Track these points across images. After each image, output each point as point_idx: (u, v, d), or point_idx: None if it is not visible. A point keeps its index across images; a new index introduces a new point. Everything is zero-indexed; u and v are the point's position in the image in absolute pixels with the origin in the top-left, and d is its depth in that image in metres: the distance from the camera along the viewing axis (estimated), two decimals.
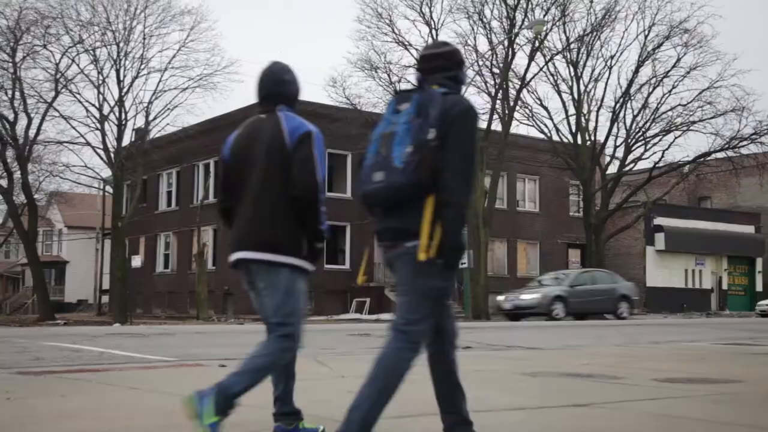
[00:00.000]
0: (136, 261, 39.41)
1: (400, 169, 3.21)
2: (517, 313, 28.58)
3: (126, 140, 36.83)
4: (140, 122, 36.92)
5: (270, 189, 3.80)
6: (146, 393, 5.97)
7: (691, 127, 35.35)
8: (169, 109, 36.05)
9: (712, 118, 34.81)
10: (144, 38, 35.41)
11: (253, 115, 4.08)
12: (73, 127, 36.10)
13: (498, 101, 34.64)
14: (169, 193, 43.77)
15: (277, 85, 4.03)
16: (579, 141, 35.92)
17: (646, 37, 35.09)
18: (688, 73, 34.73)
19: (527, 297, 28.66)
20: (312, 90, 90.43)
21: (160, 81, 35.76)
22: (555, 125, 36.34)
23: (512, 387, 6.45)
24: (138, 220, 39.85)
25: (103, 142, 35.74)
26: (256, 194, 3.83)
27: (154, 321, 32.93)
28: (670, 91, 35.41)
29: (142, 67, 35.66)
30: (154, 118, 36.30)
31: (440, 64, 3.50)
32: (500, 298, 29.85)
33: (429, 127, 3.22)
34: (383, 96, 34.64)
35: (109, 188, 39.94)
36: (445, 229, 3.21)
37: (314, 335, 15.99)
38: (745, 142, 34.59)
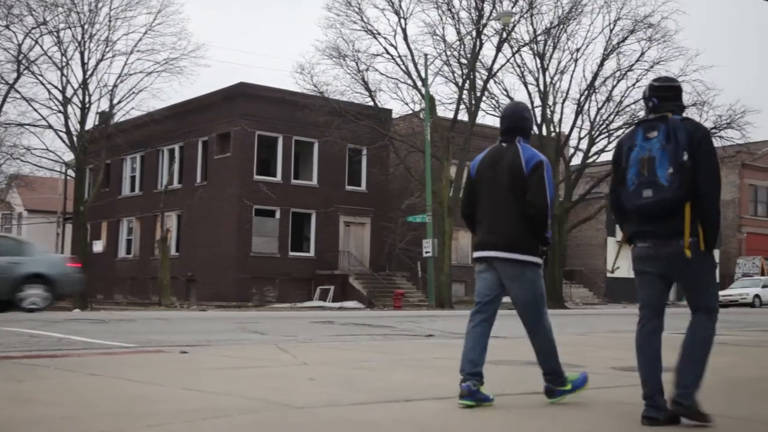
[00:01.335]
0: (98, 246, 38.99)
1: (666, 186, 4.08)
2: None
3: (89, 124, 36.32)
4: (104, 106, 36.45)
5: (511, 204, 4.82)
6: (106, 379, 5.92)
7: None
8: (134, 92, 35.62)
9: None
10: (110, 20, 34.89)
11: (496, 143, 5.10)
12: (35, 110, 35.52)
13: (465, 91, 34.74)
14: (133, 177, 43.26)
15: (519, 121, 5.01)
16: (544, 132, 36.18)
17: (611, 30, 35.46)
18: (652, 67, 35.14)
19: None
20: (279, 77, 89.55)
21: (125, 64, 35.30)
22: None
23: None
24: (100, 204, 39.34)
25: (66, 125, 35.19)
26: (501, 207, 4.86)
27: (115, 307, 32.60)
28: (633, 85, 35.83)
29: (107, 49, 35.17)
30: (119, 102, 35.85)
31: (672, 95, 4.34)
32: None
33: (682, 151, 4.07)
34: (351, 84, 34.62)
35: (71, 172, 39.35)
36: (707, 228, 4.15)
37: (277, 322, 15.96)
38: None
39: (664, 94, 4.31)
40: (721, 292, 42.08)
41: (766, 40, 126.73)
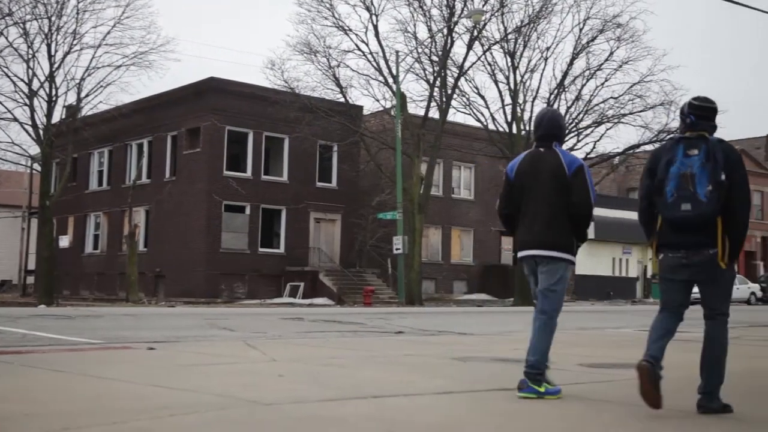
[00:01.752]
0: (64, 241, 38.45)
1: (705, 202, 4.46)
2: None
3: (56, 117, 35.75)
4: (71, 99, 35.83)
5: (553, 205, 5.15)
6: (72, 376, 5.86)
7: (622, 120, 36.13)
8: (102, 86, 35.08)
9: (641, 111, 35.65)
10: (77, 13, 34.33)
11: (532, 148, 5.41)
12: (0, 102, 34.91)
13: (436, 89, 34.81)
14: (101, 172, 42.74)
15: (554, 128, 5.35)
16: (514, 130, 36.37)
17: (580, 30, 35.71)
18: (620, 66, 35.46)
19: None
20: (250, 72, 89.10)
21: (93, 57, 34.77)
22: (491, 114, 36.72)
23: (442, 372, 6.54)
24: (67, 199, 38.80)
25: (32, 118, 34.63)
26: (542, 208, 5.18)
27: (82, 303, 32.22)
28: (602, 84, 36.12)
29: (75, 42, 34.60)
30: (87, 96, 35.31)
31: (709, 115, 4.70)
32: None
33: (720, 171, 4.48)
34: (322, 80, 34.52)
35: (36, 166, 38.77)
36: (733, 242, 4.58)
37: (246, 319, 15.89)
38: (672, 136, 35.57)
39: (702, 113, 4.70)
40: None
41: (732, 41, 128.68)
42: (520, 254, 5.34)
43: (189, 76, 50.36)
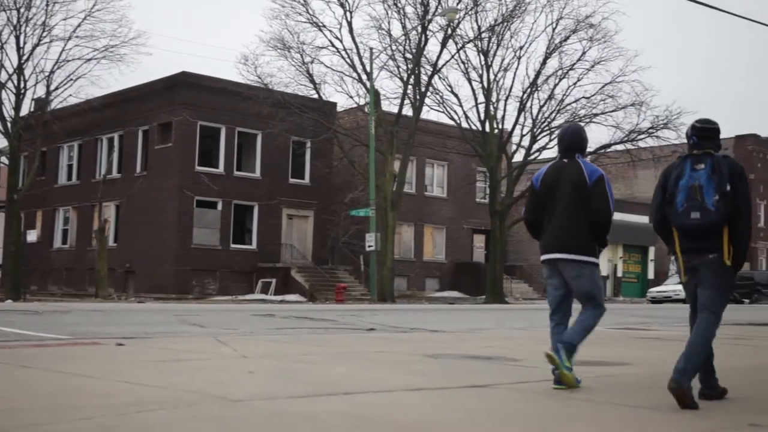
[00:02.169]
0: (32, 236, 37.98)
1: (712, 210, 4.87)
2: None
3: (24, 110, 35.27)
4: (41, 92, 35.35)
5: (575, 212, 5.56)
6: (38, 371, 5.77)
7: (594, 120, 36.37)
8: (72, 79, 34.65)
9: (613, 111, 35.92)
10: (47, 5, 33.85)
11: (557, 159, 5.82)
12: None
13: (410, 86, 34.82)
14: (70, 166, 42.23)
15: (578, 141, 5.77)
16: (487, 129, 36.48)
17: (553, 30, 35.88)
18: (593, 66, 35.68)
19: None
20: (223, 67, 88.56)
21: (63, 50, 34.32)
22: (464, 112, 36.81)
23: (413, 368, 6.54)
24: (35, 193, 38.30)
25: (0, 110, 34.15)
26: (566, 215, 5.58)
27: (50, 298, 31.82)
28: (575, 84, 36.33)
29: (44, 34, 34.12)
30: (56, 89, 34.85)
31: (711, 135, 5.17)
32: None
33: (726, 182, 4.89)
34: (295, 76, 34.39)
35: (4, 159, 38.19)
36: (738, 248, 4.96)
37: (217, 315, 15.79)
38: (642, 136, 35.80)
39: (704, 134, 5.16)
40: (655, 289, 43.28)
41: (701, 44, 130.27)
42: (544, 257, 5.75)
43: (161, 71, 49.95)
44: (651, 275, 51.39)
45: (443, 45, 34.57)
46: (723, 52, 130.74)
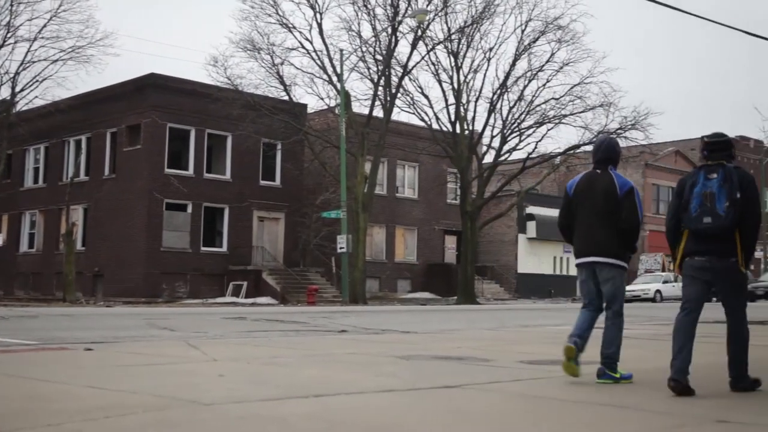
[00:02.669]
0: None
1: (723, 216, 5.32)
2: None
3: None
4: (5, 93, 34.88)
5: (606, 220, 6.00)
6: (4, 378, 5.68)
7: (563, 120, 36.69)
8: (38, 81, 34.25)
9: (582, 112, 36.25)
10: (11, 5, 33.42)
11: (590, 169, 6.28)
12: None
13: (380, 88, 34.85)
14: (36, 169, 41.66)
15: (611, 153, 6.24)
16: (458, 130, 36.63)
17: (522, 31, 36.13)
18: (561, 68, 35.98)
19: None
20: (192, 68, 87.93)
21: (28, 51, 33.89)
22: (435, 114, 36.96)
23: (384, 370, 6.54)
24: (1, 196, 37.74)
25: None
26: (597, 222, 6.03)
27: (16, 303, 31.35)
28: (544, 85, 36.61)
29: (9, 35, 33.68)
30: (22, 90, 34.41)
31: (724, 147, 5.58)
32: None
33: (736, 190, 5.32)
34: (266, 78, 34.24)
35: None
36: (747, 249, 5.47)
37: (187, 319, 15.68)
38: (611, 136, 36.20)
39: (714, 147, 5.60)
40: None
41: (668, 45, 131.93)
42: (579, 261, 6.19)
43: (129, 72, 49.50)
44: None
45: (413, 46, 34.67)
46: (690, 53, 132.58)
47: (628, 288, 43.09)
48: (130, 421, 4.00)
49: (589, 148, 37.09)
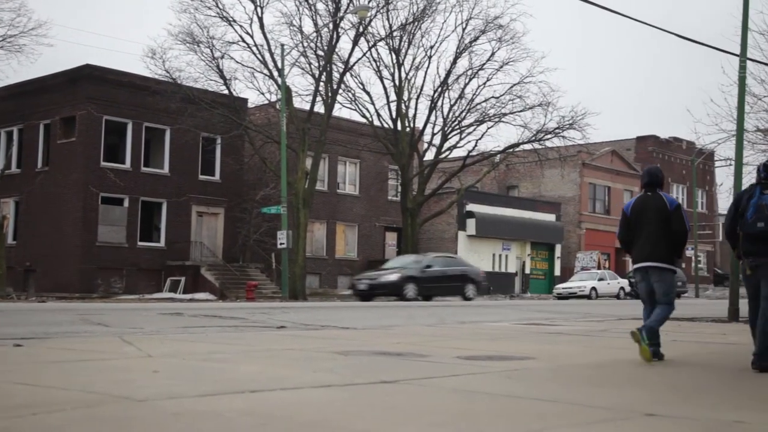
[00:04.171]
0: None
1: None
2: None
3: None
4: None
5: (659, 232, 7.47)
6: None
7: (503, 119, 37.18)
8: None
9: (521, 111, 36.80)
10: None
11: (641, 192, 7.76)
12: None
13: (321, 83, 34.75)
14: None
15: (657, 178, 7.71)
16: (399, 127, 36.78)
17: (463, 30, 36.48)
18: (501, 67, 36.46)
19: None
20: (129, 61, 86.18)
21: None
22: (376, 110, 37.03)
23: (322, 366, 6.53)
24: None
25: None
26: (652, 235, 7.48)
27: None
28: (484, 84, 37.05)
29: None
30: None
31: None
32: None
33: None
34: (205, 71, 33.79)
35: None
36: None
37: (123, 314, 15.39)
38: (549, 136, 36.78)
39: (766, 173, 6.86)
40: (561, 285, 44.52)
41: (604, 45, 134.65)
42: (637, 265, 7.63)
43: (64, 63, 48.23)
44: (557, 272, 52.82)
45: (355, 43, 34.66)
46: (625, 54, 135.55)
47: (563, 285, 44.15)
48: (59, 418, 3.90)
49: (528, 146, 37.79)
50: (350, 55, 34.71)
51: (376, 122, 36.85)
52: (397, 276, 29.66)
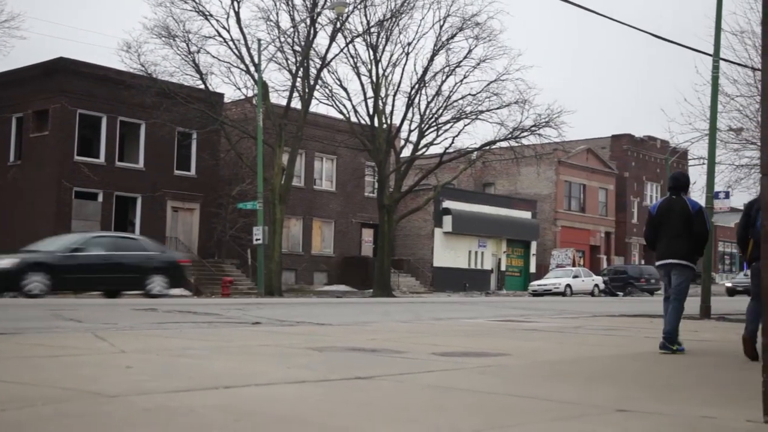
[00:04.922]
0: None
1: None
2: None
3: None
4: None
5: (683, 233, 8.16)
6: None
7: (479, 116, 37.20)
8: None
9: (498, 108, 36.83)
10: None
11: (667, 195, 8.44)
12: None
13: (299, 79, 34.61)
14: None
15: (682, 182, 8.40)
16: (376, 123, 36.74)
17: (441, 27, 36.44)
18: (478, 64, 36.46)
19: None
20: (104, 54, 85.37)
21: None
22: (354, 107, 36.94)
23: (297, 362, 6.51)
24: None
25: None
26: (676, 235, 8.17)
27: None
28: (461, 81, 37.02)
29: None
30: None
31: None
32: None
33: None
34: (181, 65, 33.52)
35: None
36: None
37: (96, 310, 15.24)
38: (525, 133, 36.88)
39: None
40: (536, 282, 44.81)
41: (579, 44, 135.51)
42: (661, 262, 8.32)
43: (38, 56, 47.66)
44: (533, 269, 53.13)
45: (332, 38, 34.55)
46: (600, 53, 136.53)
47: (538, 282, 44.45)
48: (28, 414, 3.86)
49: (505, 144, 37.90)
50: (327, 50, 34.64)
51: (353, 118, 36.78)
52: (14, 262, 21.06)
